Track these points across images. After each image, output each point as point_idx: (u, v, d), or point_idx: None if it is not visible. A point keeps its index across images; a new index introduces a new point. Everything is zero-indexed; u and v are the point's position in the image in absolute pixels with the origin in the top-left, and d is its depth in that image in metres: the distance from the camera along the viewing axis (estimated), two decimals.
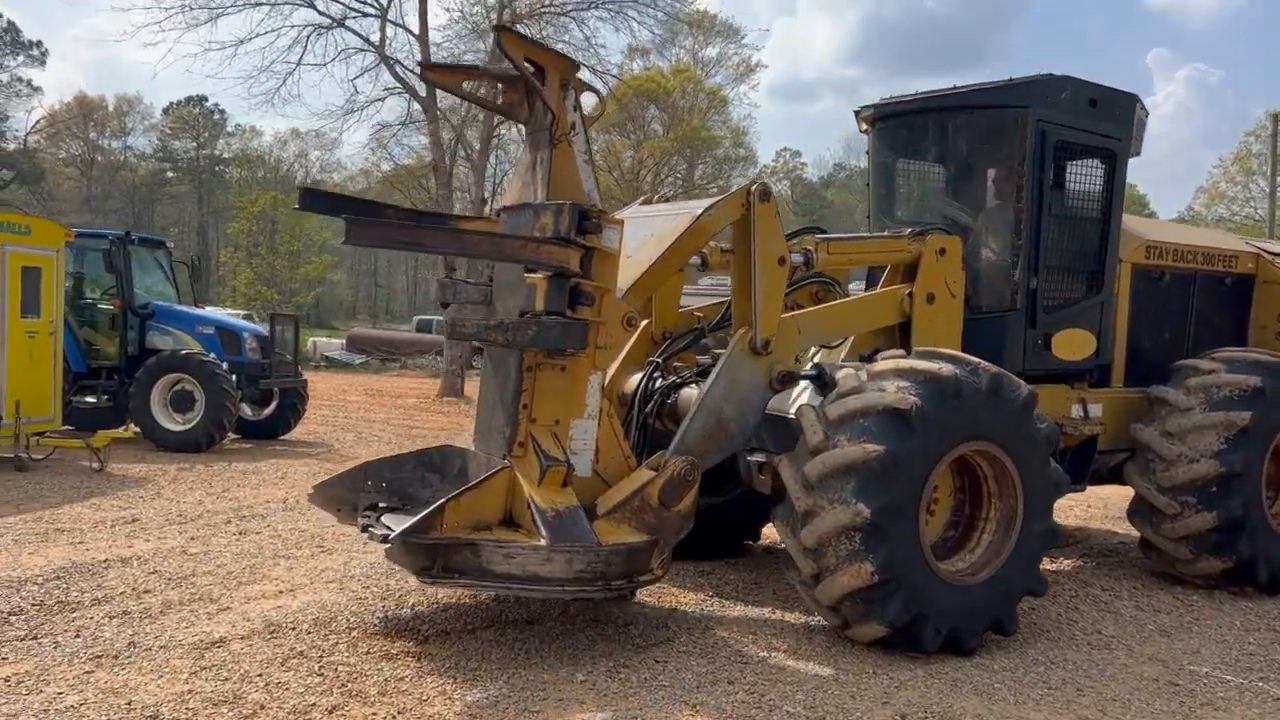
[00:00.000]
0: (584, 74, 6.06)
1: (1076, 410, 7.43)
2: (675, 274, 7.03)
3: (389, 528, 5.41)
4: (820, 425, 5.61)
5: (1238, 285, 8.48)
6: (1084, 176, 7.35)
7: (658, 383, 6.74)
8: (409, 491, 6.24)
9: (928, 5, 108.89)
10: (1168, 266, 8.01)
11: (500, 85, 5.71)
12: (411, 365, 34.01)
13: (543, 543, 4.88)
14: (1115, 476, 7.89)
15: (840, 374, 5.95)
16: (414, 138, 26.54)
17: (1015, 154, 7.03)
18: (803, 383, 6.29)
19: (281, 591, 6.55)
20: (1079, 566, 8.08)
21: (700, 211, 6.08)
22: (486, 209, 25.78)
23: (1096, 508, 10.66)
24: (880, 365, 5.82)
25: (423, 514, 4.96)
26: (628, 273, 5.84)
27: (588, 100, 5.63)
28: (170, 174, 78.70)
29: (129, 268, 14.01)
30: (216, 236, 74.21)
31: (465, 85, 6.19)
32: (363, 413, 19.62)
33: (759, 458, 6.79)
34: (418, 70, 22.05)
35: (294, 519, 8.97)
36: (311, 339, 36.00)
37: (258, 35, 22.21)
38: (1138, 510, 7.39)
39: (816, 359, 6.75)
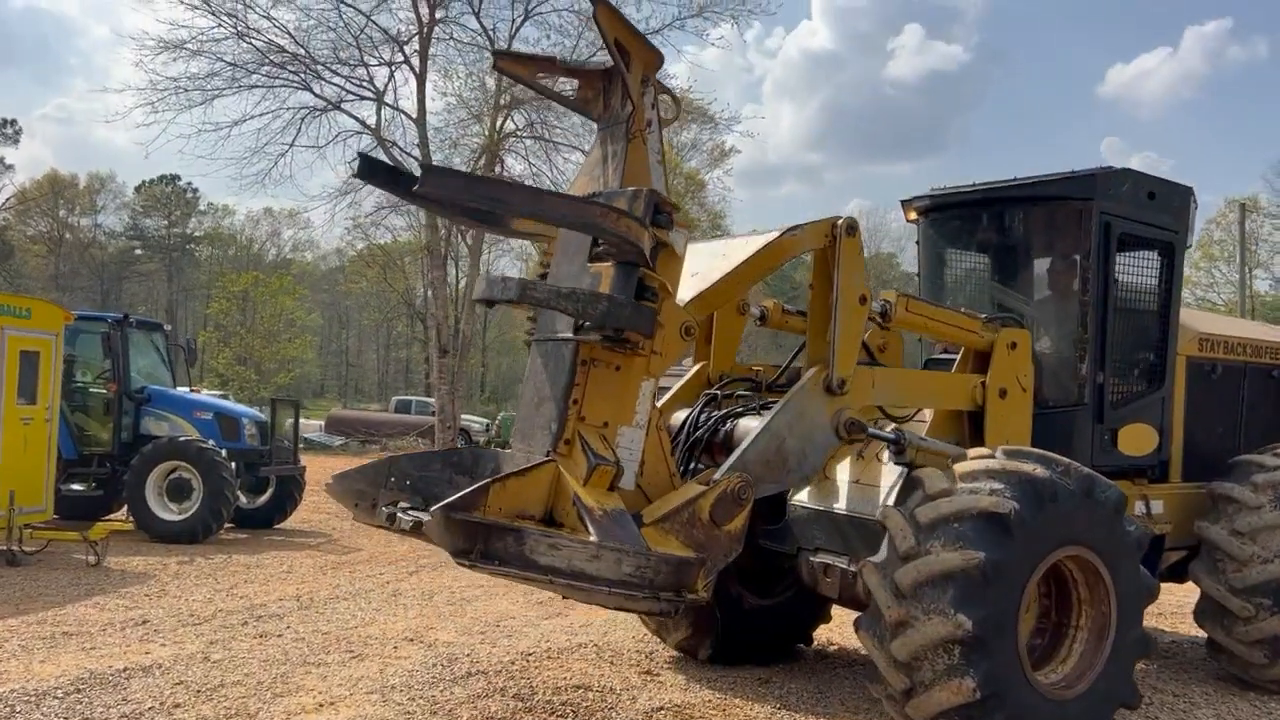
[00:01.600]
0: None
1: (1140, 508, 7.23)
2: (737, 317, 6.86)
3: (418, 516, 5.00)
4: (910, 529, 5.33)
5: None
6: (1144, 269, 7.26)
7: (713, 413, 6.45)
8: (434, 492, 5.77)
9: (887, 92, 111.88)
10: (1219, 359, 7.90)
11: (576, 80, 5.57)
12: (392, 447, 33.42)
13: (592, 538, 4.51)
14: (1171, 575, 7.67)
15: (926, 474, 5.70)
16: (391, 219, 26.44)
17: (1080, 246, 6.93)
18: (886, 481, 6.05)
19: (322, 705, 6.13)
20: (1143, 669, 7.79)
21: (783, 231, 5.85)
22: None
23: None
24: (970, 465, 5.58)
25: (466, 491, 4.55)
26: (692, 286, 5.60)
27: (665, 107, 5.51)
28: (139, 251, 78.21)
29: (126, 351, 13.61)
30: (186, 315, 73.51)
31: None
32: None
33: (824, 559, 6.51)
34: (418, 155, 22.08)
35: (312, 619, 8.52)
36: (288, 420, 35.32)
37: (252, 117, 22.12)
38: (1206, 611, 7.15)
39: (890, 428, 6.44)
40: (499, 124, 22.51)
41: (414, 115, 22.37)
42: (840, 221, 5.81)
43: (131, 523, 12.73)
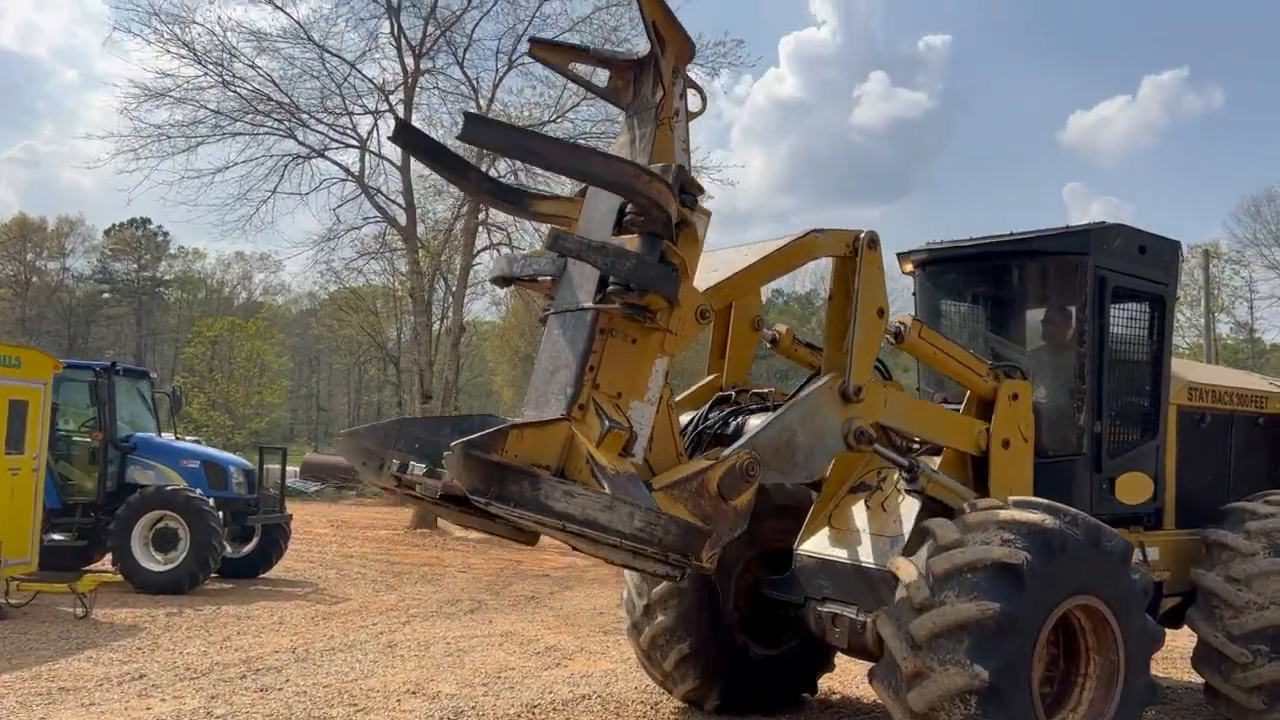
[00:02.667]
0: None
1: (1137, 555, 7.35)
2: (751, 332, 6.89)
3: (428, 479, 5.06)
4: (925, 580, 5.42)
5: (1269, 425, 8.59)
6: (1136, 321, 7.45)
7: (724, 409, 6.48)
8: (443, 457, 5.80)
9: (855, 138, 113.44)
10: (1208, 408, 8.09)
11: (609, 70, 5.67)
12: (368, 493, 33.13)
13: (606, 490, 4.55)
14: (1167, 620, 7.78)
15: (937, 524, 5.79)
16: (368, 263, 26.46)
17: (1075, 299, 7.11)
18: (895, 530, 6.13)
19: None
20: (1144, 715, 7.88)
21: (807, 231, 5.97)
22: (465, 336, 25.68)
23: None
24: (979, 516, 5.68)
25: (486, 432, 4.61)
26: (710, 277, 5.69)
27: (692, 100, 5.60)
28: (107, 295, 77.50)
29: (114, 399, 13.51)
30: (155, 359, 72.71)
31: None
32: (336, 547, 18.93)
33: (832, 609, 6.59)
34: (401, 201, 22.18)
35: (311, 672, 8.45)
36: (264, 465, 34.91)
37: (236, 164, 22.15)
38: (1204, 657, 7.24)
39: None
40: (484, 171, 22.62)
41: (398, 163, 22.48)
42: (863, 235, 5.97)
43: (119, 574, 12.55)
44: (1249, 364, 54.02)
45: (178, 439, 15.16)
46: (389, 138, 6.10)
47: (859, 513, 6.75)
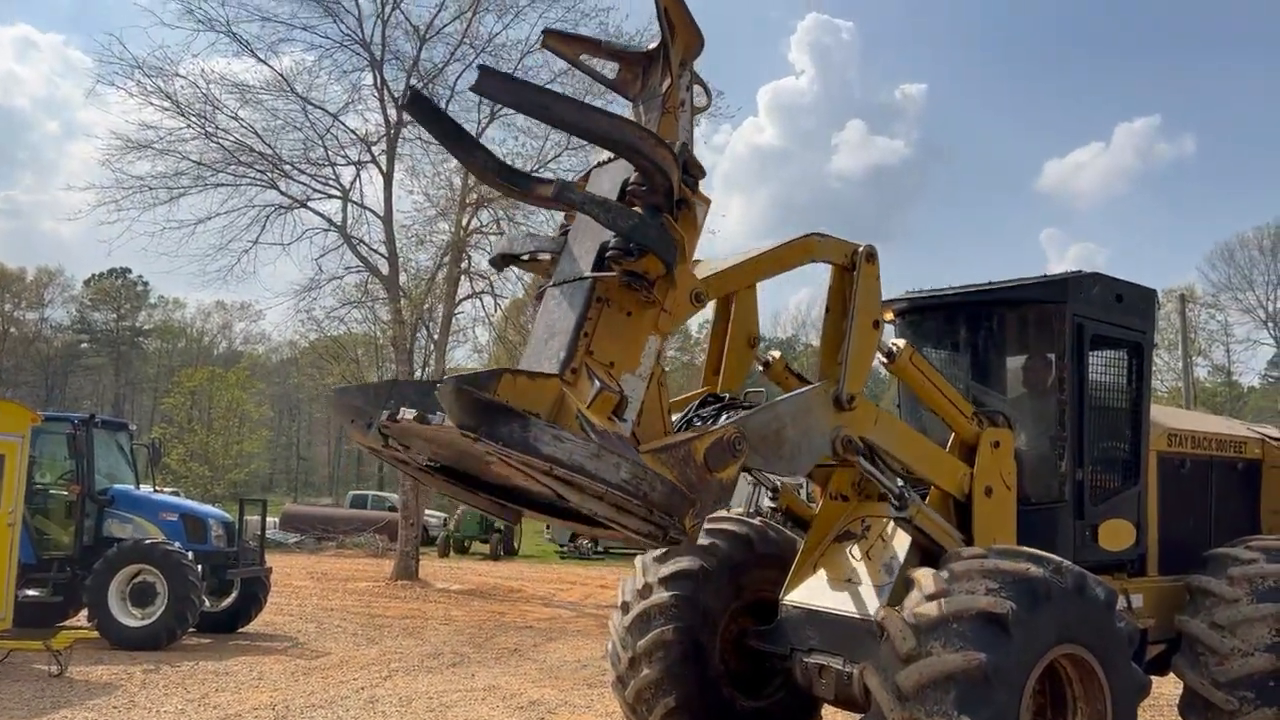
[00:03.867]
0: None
1: (1122, 603, 7.36)
2: (747, 349, 6.81)
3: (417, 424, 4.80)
4: (910, 630, 5.40)
5: (1247, 471, 8.65)
6: (1115, 368, 7.52)
7: (714, 405, 6.38)
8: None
9: (833, 185, 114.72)
10: (1188, 454, 8.15)
11: (619, 62, 5.75)
12: (349, 544, 32.84)
13: (595, 440, 4.51)
14: (1152, 667, 7.77)
15: (921, 574, 5.79)
16: (349, 312, 26.44)
17: (1054, 347, 7.18)
18: (880, 580, 6.12)
19: None
20: None
21: (810, 233, 6.05)
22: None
23: None
24: (963, 565, 5.68)
25: (480, 371, 4.57)
26: (710, 267, 5.73)
27: (698, 95, 5.67)
28: (85, 345, 77.10)
29: (92, 452, 13.38)
30: (133, 409, 72.17)
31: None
32: (316, 600, 18.68)
33: (819, 659, 6.55)
34: (383, 250, 22.23)
35: None
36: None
37: (218, 215, 22.17)
38: (1191, 705, 7.22)
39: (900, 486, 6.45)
40: (465, 221, 22.78)
41: (380, 213, 22.58)
42: (862, 248, 6.07)
43: (96, 630, 12.34)
44: (1227, 407, 54.52)
45: (156, 491, 15.01)
46: (401, 105, 6.11)
47: (844, 562, 6.75)
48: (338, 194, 22.79)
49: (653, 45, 5.58)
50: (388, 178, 22.67)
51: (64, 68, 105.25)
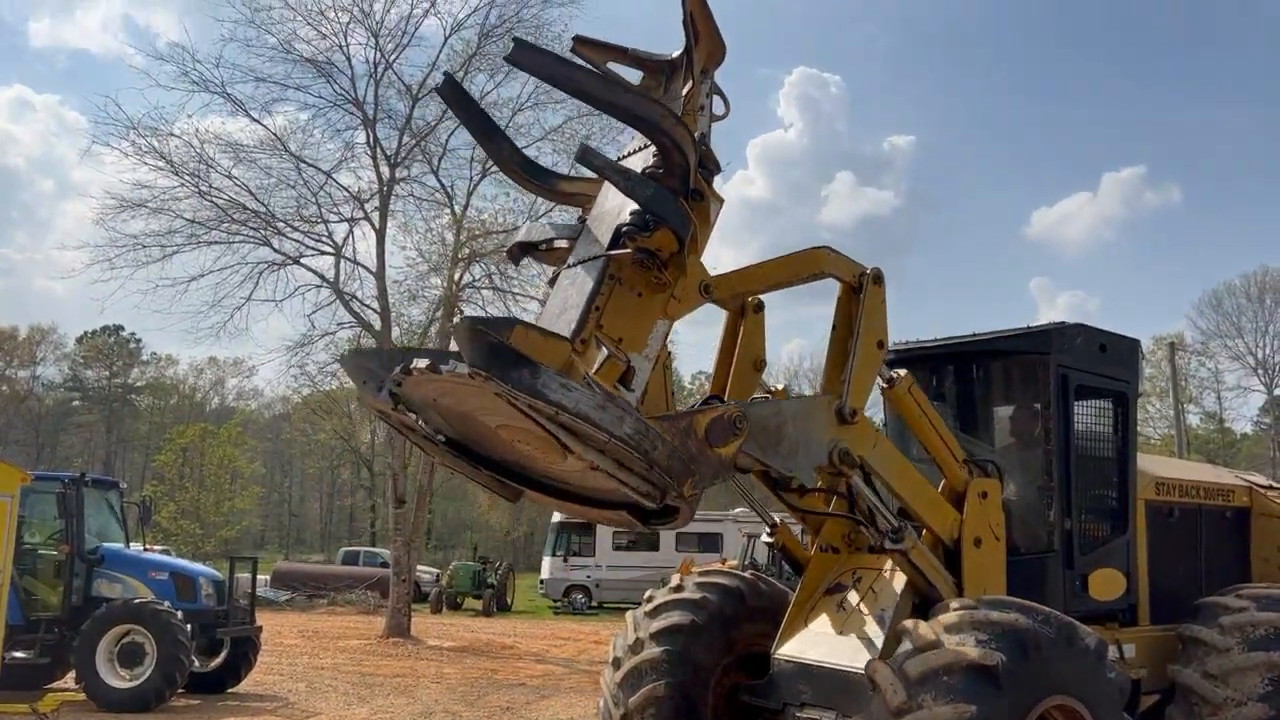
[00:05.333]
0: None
1: (1114, 653, 7.34)
2: (753, 371, 6.82)
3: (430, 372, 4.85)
4: (901, 683, 5.39)
5: (1237, 519, 8.69)
6: (1101, 418, 7.58)
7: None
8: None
9: (824, 236, 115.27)
10: (1175, 502, 8.18)
11: (643, 70, 5.88)
12: (340, 600, 32.52)
13: (600, 392, 4.57)
14: (1146, 718, 7.74)
15: (911, 625, 5.79)
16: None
17: (1040, 397, 7.24)
18: (871, 633, 6.12)
19: None
20: None
21: (822, 245, 6.19)
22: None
23: None
24: (952, 616, 5.69)
25: (496, 317, 4.60)
26: (723, 269, 5.87)
27: (717, 104, 5.79)
28: (77, 403, 76.87)
29: (82, 511, 13.31)
30: (124, 466, 71.78)
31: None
32: (307, 658, 18.47)
33: (811, 714, 6.51)
34: (375, 306, 22.32)
35: None
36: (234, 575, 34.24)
37: (211, 272, 22.28)
38: None
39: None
40: (458, 276, 22.92)
41: (373, 269, 22.71)
42: (870, 270, 6.20)
43: (83, 691, 12.19)
44: (1220, 454, 54.59)
45: (146, 550, 14.93)
46: (435, 89, 6.24)
47: (836, 615, 6.74)
48: (330, 250, 22.95)
49: (676, 54, 5.72)
50: (380, 234, 22.85)
51: (59, 127, 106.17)
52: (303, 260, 22.83)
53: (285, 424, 68.60)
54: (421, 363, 4.69)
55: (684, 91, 5.61)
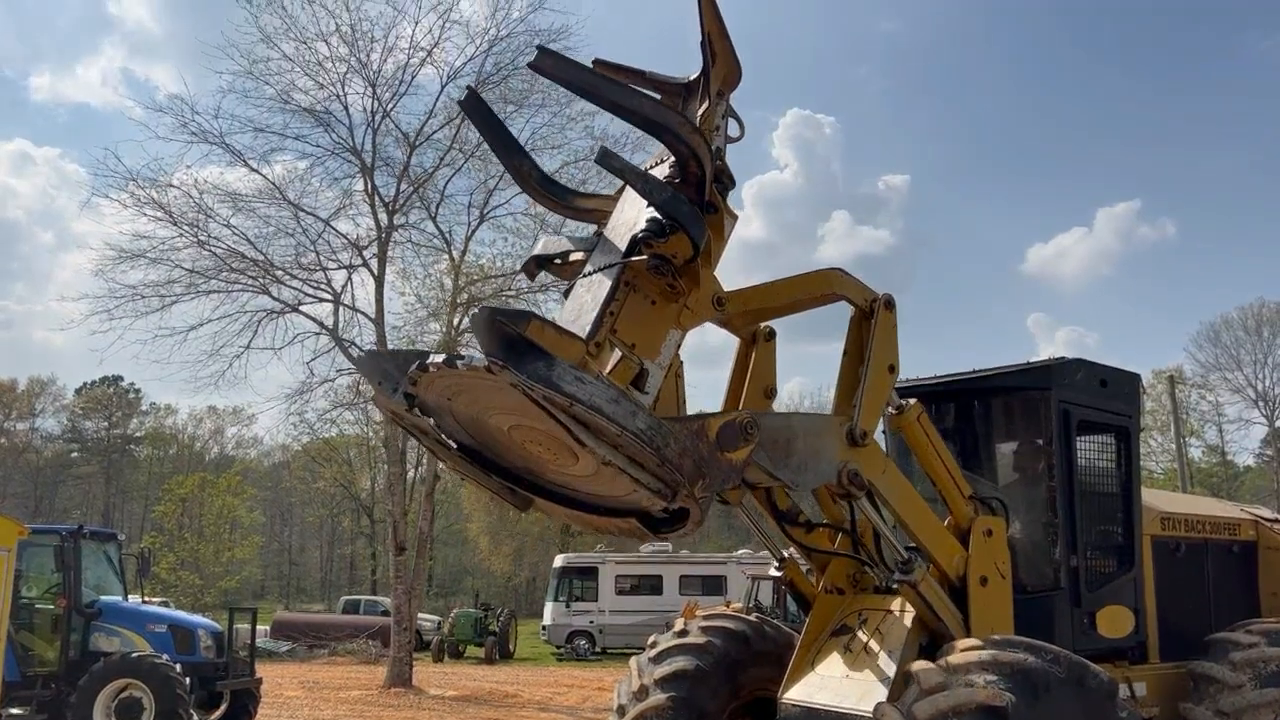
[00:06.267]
0: None
1: (1124, 692, 7.25)
2: (764, 399, 6.82)
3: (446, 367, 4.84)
4: None
5: (1244, 553, 8.62)
6: (1103, 453, 7.55)
7: None
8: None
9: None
10: (1182, 537, 8.12)
11: (660, 92, 5.87)
12: (341, 650, 32.21)
13: (615, 388, 4.57)
14: None
15: (919, 668, 5.71)
16: (341, 414, 26.38)
17: (1042, 434, 7.22)
18: (879, 675, 6.04)
19: None
20: None
21: (834, 267, 6.21)
22: (439, 485, 25.48)
23: None
24: (960, 657, 5.62)
25: (514, 309, 4.63)
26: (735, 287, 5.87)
27: (732, 126, 5.84)
28: (76, 454, 76.65)
29: (79, 565, 13.21)
30: (123, 518, 71.41)
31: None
32: (307, 710, 18.25)
33: None
34: (363, 349, 22.30)
35: None
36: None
37: (210, 321, 22.31)
38: None
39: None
40: (456, 321, 22.96)
41: (372, 315, 22.75)
42: (881, 296, 6.20)
43: None
44: (1224, 487, 54.38)
45: (145, 602, 14.80)
46: (459, 102, 6.33)
47: (842, 657, 6.65)
48: (329, 298, 23.01)
49: (693, 76, 5.78)
50: (379, 280, 22.92)
51: (59, 180, 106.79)
52: (301, 308, 22.90)
53: (285, 472, 68.39)
54: (438, 358, 4.75)
55: (700, 111, 5.66)
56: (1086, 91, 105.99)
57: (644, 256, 5.27)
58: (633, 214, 5.55)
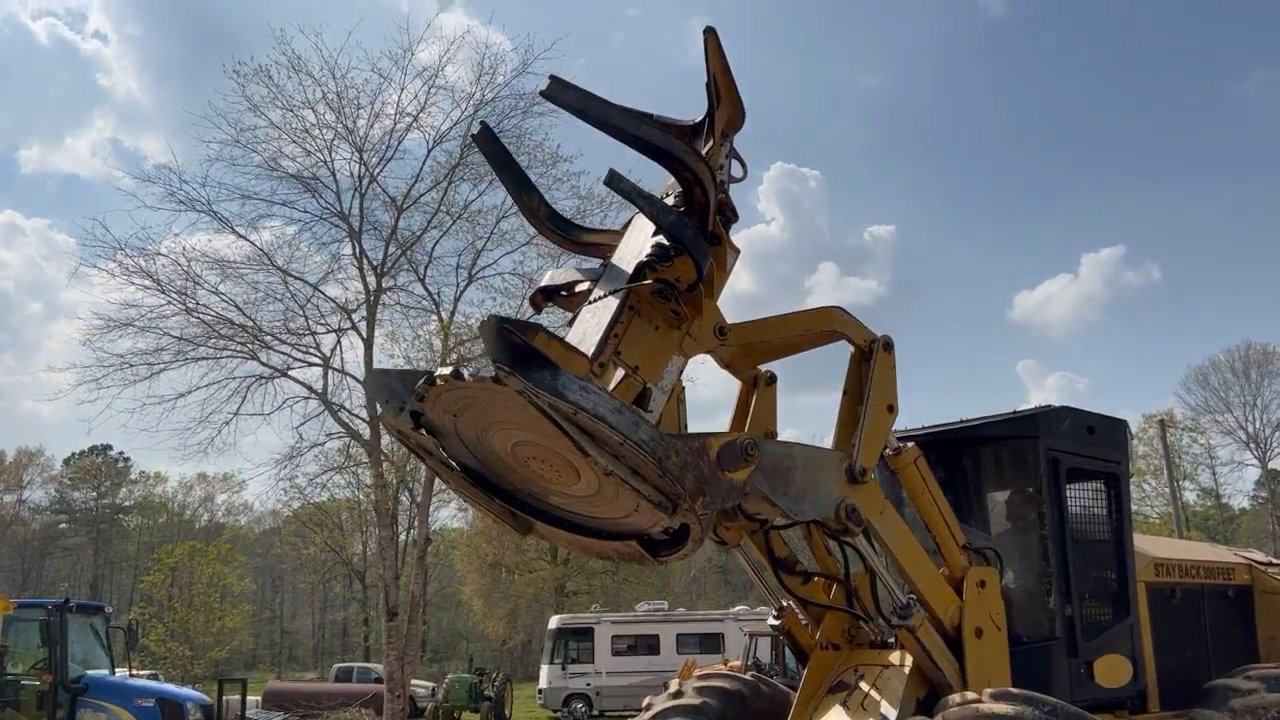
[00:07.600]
0: None
1: None
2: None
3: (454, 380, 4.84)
4: None
5: (1239, 597, 8.59)
6: (1094, 500, 7.55)
7: None
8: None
9: None
10: (1176, 583, 8.09)
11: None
12: None
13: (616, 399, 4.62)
14: None
15: None
16: (332, 478, 26.24)
17: (1031, 482, 7.22)
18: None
19: None
20: None
21: (835, 306, 6.28)
22: (431, 546, 25.27)
23: None
24: (957, 712, 5.58)
25: (521, 320, 4.65)
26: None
27: (735, 168, 5.95)
28: (64, 525, 75.82)
29: (66, 639, 13.02)
30: (112, 588, 70.48)
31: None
32: None
33: None
34: (364, 415, 22.26)
35: None
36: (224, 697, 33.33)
37: (198, 388, 22.22)
38: None
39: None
40: None
41: (361, 378, 22.68)
42: (880, 337, 6.28)
43: None
44: (1220, 531, 54.23)
45: (132, 675, 14.56)
46: (472, 136, 6.46)
47: (839, 714, 6.58)
48: (318, 361, 22.96)
49: (698, 119, 5.90)
50: (368, 343, 22.91)
51: (49, 250, 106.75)
52: (290, 372, 22.84)
53: (276, 538, 67.73)
54: (445, 370, 4.82)
55: (704, 150, 5.78)
56: (1068, 138, 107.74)
57: (649, 281, 5.39)
58: (638, 243, 5.68)
